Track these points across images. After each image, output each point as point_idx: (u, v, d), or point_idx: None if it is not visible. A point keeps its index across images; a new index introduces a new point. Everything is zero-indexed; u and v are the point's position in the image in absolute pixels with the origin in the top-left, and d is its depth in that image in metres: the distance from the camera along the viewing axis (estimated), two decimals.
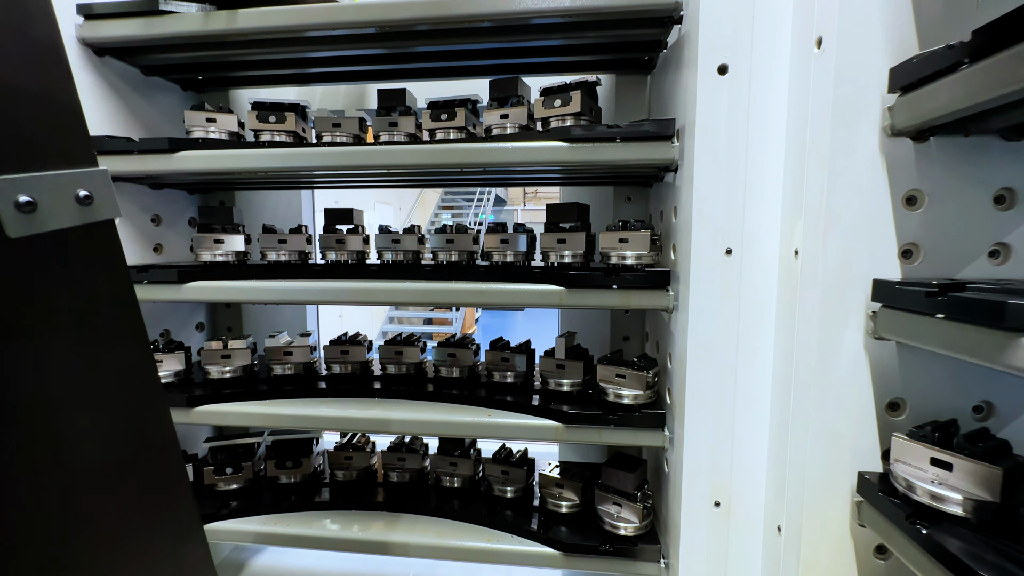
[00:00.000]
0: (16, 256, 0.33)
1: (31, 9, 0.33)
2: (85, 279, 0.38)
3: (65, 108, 0.36)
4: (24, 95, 0.33)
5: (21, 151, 0.33)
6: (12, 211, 0.33)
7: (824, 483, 0.82)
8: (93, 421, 0.39)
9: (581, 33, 1.15)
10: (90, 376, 0.39)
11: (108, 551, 0.41)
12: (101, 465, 0.40)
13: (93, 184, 0.37)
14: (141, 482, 0.43)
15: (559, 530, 1.19)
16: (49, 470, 0.37)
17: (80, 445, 0.39)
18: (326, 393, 1.31)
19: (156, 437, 0.44)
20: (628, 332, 1.51)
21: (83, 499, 0.39)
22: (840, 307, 0.79)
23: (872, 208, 0.77)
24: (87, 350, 0.39)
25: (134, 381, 0.42)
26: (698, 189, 0.95)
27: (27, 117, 0.33)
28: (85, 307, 0.38)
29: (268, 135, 1.27)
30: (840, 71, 0.76)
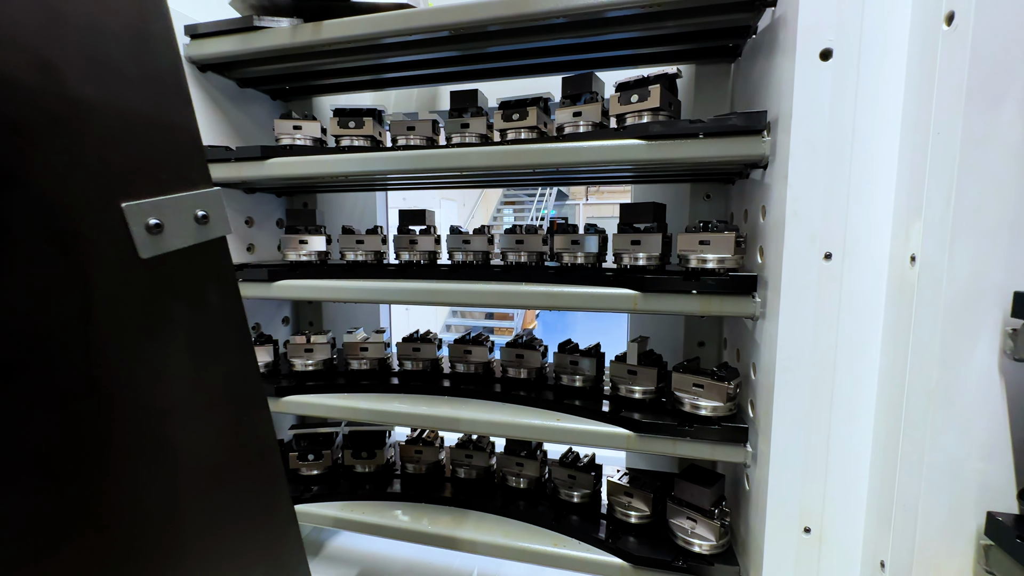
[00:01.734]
0: (146, 275, 0.36)
1: (157, 41, 0.36)
2: (200, 293, 0.41)
3: (185, 134, 0.39)
4: (151, 125, 0.36)
5: (149, 177, 0.36)
6: (143, 233, 0.36)
7: (942, 520, 0.73)
8: (202, 426, 0.43)
9: (660, 23, 1.09)
10: (202, 384, 0.42)
11: (212, 550, 0.45)
12: (208, 467, 0.44)
13: (208, 204, 0.40)
14: (243, 484, 0.47)
15: (628, 540, 1.15)
16: (163, 473, 0.41)
17: (190, 449, 0.42)
18: (398, 389, 1.36)
19: (258, 441, 0.47)
20: (704, 338, 1.43)
21: (191, 499, 0.43)
22: (969, 322, 0.69)
23: (1015, 208, 0.66)
24: (201, 360, 0.42)
25: (240, 388, 0.46)
26: (792, 187, 0.87)
27: (154, 145, 0.36)
28: (199, 319, 0.41)
29: (348, 140, 1.33)
30: (978, 50, 0.65)
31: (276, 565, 0.48)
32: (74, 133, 0.32)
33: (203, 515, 0.44)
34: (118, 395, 0.37)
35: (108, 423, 0.36)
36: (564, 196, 12.97)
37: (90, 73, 0.32)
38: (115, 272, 0.34)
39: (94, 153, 0.33)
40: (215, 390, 0.43)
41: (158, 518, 0.42)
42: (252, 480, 0.47)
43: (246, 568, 0.46)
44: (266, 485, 0.48)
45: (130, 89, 0.34)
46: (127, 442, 0.38)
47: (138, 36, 0.35)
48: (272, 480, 0.48)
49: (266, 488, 0.48)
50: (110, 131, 0.33)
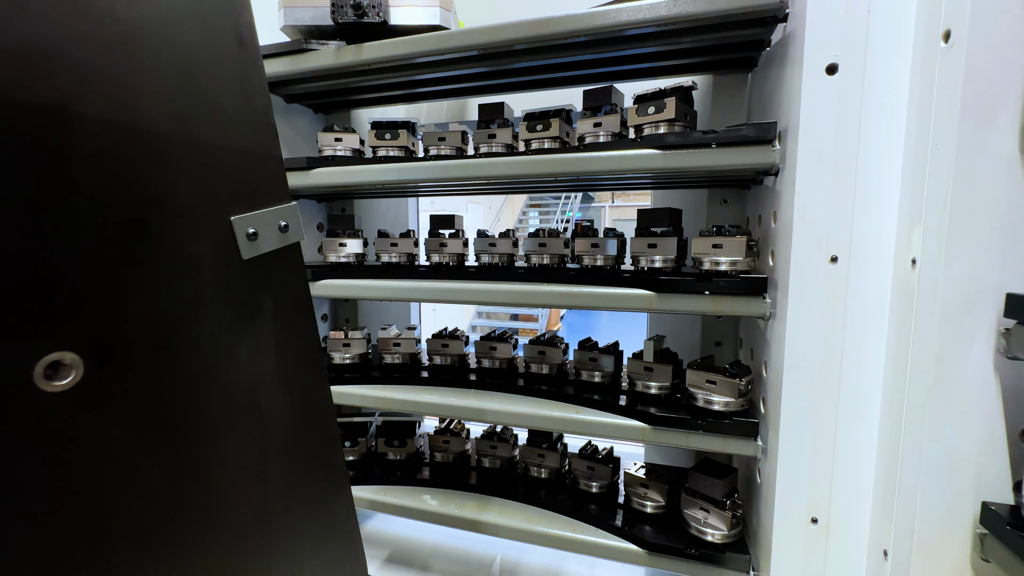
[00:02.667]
0: (246, 272, 0.46)
1: (255, 89, 0.46)
2: (282, 287, 0.51)
3: (273, 161, 0.49)
4: (250, 156, 0.46)
5: (248, 196, 0.46)
6: (245, 240, 0.46)
7: (941, 510, 0.77)
8: (283, 396, 0.52)
9: (677, 39, 1.15)
10: (282, 361, 0.52)
11: (287, 501, 0.54)
12: (287, 430, 0.53)
13: (289, 216, 0.50)
14: (312, 444, 0.56)
15: (643, 528, 1.22)
16: (256, 434, 0.51)
17: (274, 415, 0.52)
18: (428, 382, 1.46)
19: (322, 409, 0.57)
20: (720, 337, 1.47)
21: (275, 457, 0.53)
22: (965, 322, 0.73)
23: (1007, 214, 0.70)
24: (282, 342, 0.52)
25: (310, 366, 0.55)
26: (800, 194, 0.92)
27: (251, 171, 0.46)
28: (281, 308, 0.51)
29: (384, 150, 1.44)
30: (971, 66, 0.70)
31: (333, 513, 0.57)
32: (200, 167, 0.42)
33: (284, 470, 0.53)
34: (223, 367, 0.47)
35: (211, 389, 0.46)
36: (590, 199, 12.98)
37: (211, 120, 0.41)
38: (225, 269, 0.44)
39: (213, 180, 0.43)
40: (292, 366, 0.53)
41: (253, 472, 0.51)
42: (318, 443, 0.56)
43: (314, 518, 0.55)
44: (328, 448, 0.57)
45: (237, 130, 0.44)
46: (229, 404, 0.48)
47: (244, 89, 0.45)
48: (333, 443, 0.58)
49: (328, 450, 0.57)
50: (223, 163, 0.43)
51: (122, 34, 0.36)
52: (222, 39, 0.43)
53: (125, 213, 0.37)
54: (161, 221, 0.39)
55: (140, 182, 0.38)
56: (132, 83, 0.36)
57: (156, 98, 0.38)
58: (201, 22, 0.40)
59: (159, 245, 0.40)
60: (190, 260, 0.41)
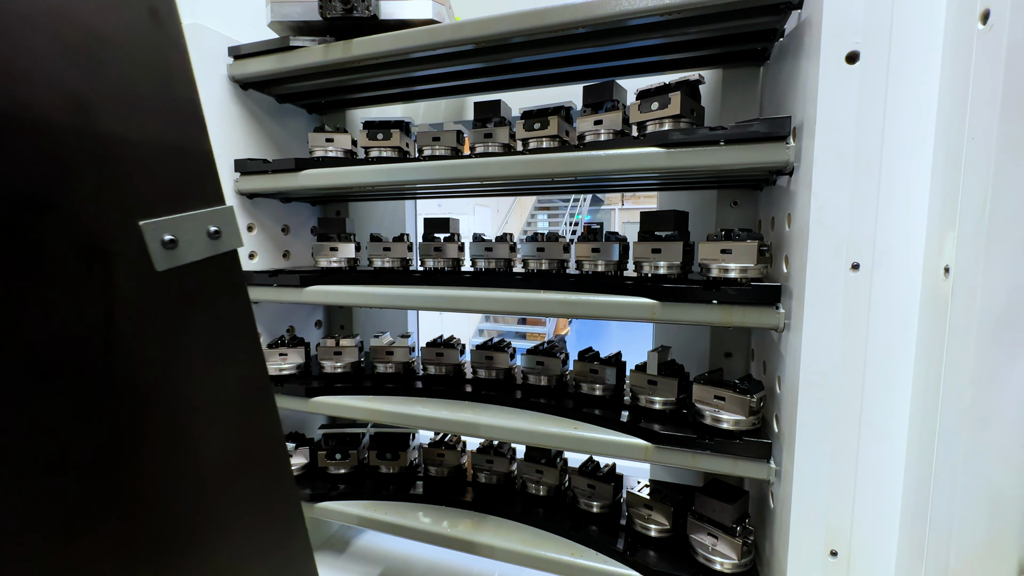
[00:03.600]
0: (162, 286, 0.40)
1: (175, 74, 0.40)
2: (213, 302, 0.45)
3: (200, 157, 0.43)
4: (168, 149, 0.40)
5: (166, 197, 0.40)
6: (159, 248, 0.40)
7: (979, 550, 0.68)
8: (220, 424, 0.46)
9: (683, 29, 1.08)
10: (217, 385, 0.46)
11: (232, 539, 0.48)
12: (226, 462, 0.47)
13: (220, 220, 0.44)
14: (257, 479, 0.50)
15: (647, 554, 1.13)
16: (187, 466, 0.44)
17: (210, 445, 0.46)
18: (421, 393, 1.39)
19: (269, 439, 0.51)
20: (731, 348, 1.39)
21: (213, 490, 0.47)
22: (1006, 339, 0.64)
23: None
24: (215, 363, 0.46)
25: (251, 389, 0.49)
26: (817, 195, 0.84)
27: (171, 169, 0.40)
28: (212, 326, 0.45)
29: (376, 151, 1.38)
30: (1015, 49, 0.62)
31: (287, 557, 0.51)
32: (102, 162, 0.36)
33: (223, 507, 0.47)
34: (141, 393, 0.41)
35: (132, 419, 0.40)
36: (599, 201, 12.86)
37: (118, 109, 0.36)
38: (135, 283, 0.38)
39: (119, 179, 0.37)
40: (230, 391, 0.47)
41: (185, 507, 0.45)
42: (264, 475, 0.50)
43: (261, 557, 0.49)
44: (277, 480, 0.51)
45: (152, 121, 0.38)
46: (153, 437, 0.42)
47: (161, 73, 0.39)
48: (282, 475, 0.51)
49: (277, 483, 0.51)
50: (133, 158, 0.37)
51: None
52: (132, 17, 0.37)
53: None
54: (46, 224, 0.33)
55: (18, 178, 0.32)
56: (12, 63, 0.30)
57: (42, 82, 0.32)
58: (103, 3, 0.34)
59: (43, 252, 0.34)
60: (85, 271, 0.35)
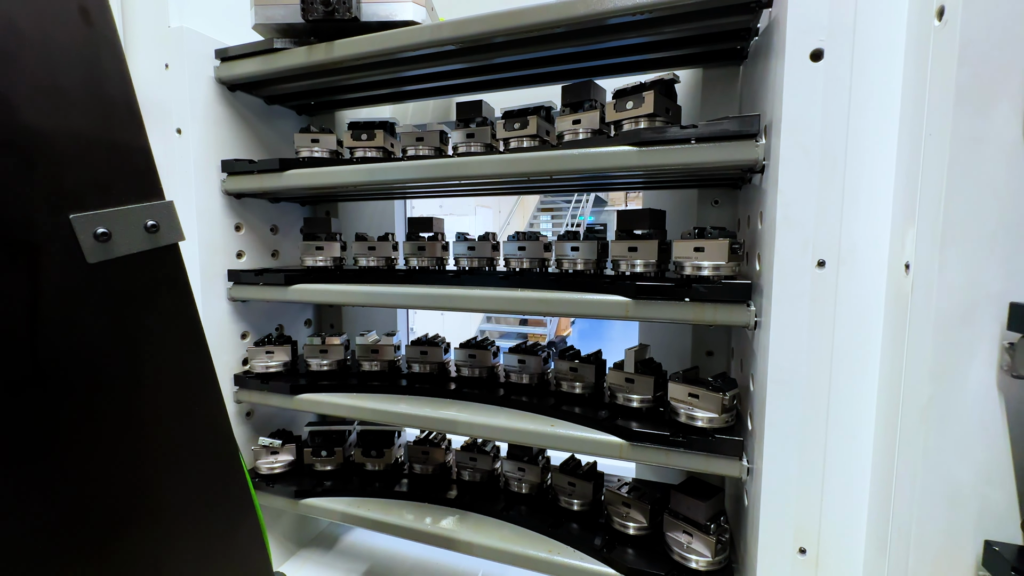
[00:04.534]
0: (95, 278, 0.42)
1: (108, 72, 0.42)
2: (151, 295, 0.46)
3: (137, 153, 0.44)
4: (100, 145, 0.41)
5: (98, 191, 0.41)
6: (91, 241, 0.41)
7: (938, 547, 0.68)
8: (158, 411, 0.47)
9: (659, 29, 1.08)
10: (156, 374, 0.47)
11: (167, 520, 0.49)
12: (167, 445, 0.48)
13: (159, 215, 0.45)
14: (199, 465, 0.51)
15: (624, 552, 1.14)
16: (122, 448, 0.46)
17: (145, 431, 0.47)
18: (404, 391, 1.40)
19: (213, 427, 0.52)
20: (712, 347, 1.39)
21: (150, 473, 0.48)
22: (963, 335, 0.65)
23: (1010, 213, 0.62)
24: (154, 354, 0.47)
25: (194, 379, 0.50)
26: (783, 192, 0.84)
27: (102, 163, 0.42)
28: (150, 316, 0.46)
29: (361, 151, 1.40)
30: (967, 45, 0.62)
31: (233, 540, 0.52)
32: (25, 155, 0.37)
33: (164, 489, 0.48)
34: (70, 380, 0.42)
35: (60, 406, 0.42)
36: (603, 202, 12.82)
37: (41, 103, 0.37)
38: (64, 275, 0.40)
39: (45, 171, 0.38)
40: (170, 380, 0.48)
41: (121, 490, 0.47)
42: (209, 461, 0.52)
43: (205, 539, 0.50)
44: (223, 466, 0.52)
45: (80, 115, 0.40)
46: (84, 423, 0.43)
47: (89, 68, 0.41)
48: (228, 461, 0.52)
49: (222, 469, 0.52)
50: (61, 152, 0.39)
51: None
52: (59, 15, 0.38)
53: None
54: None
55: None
56: None
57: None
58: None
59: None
60: (12, 265, 0.37)
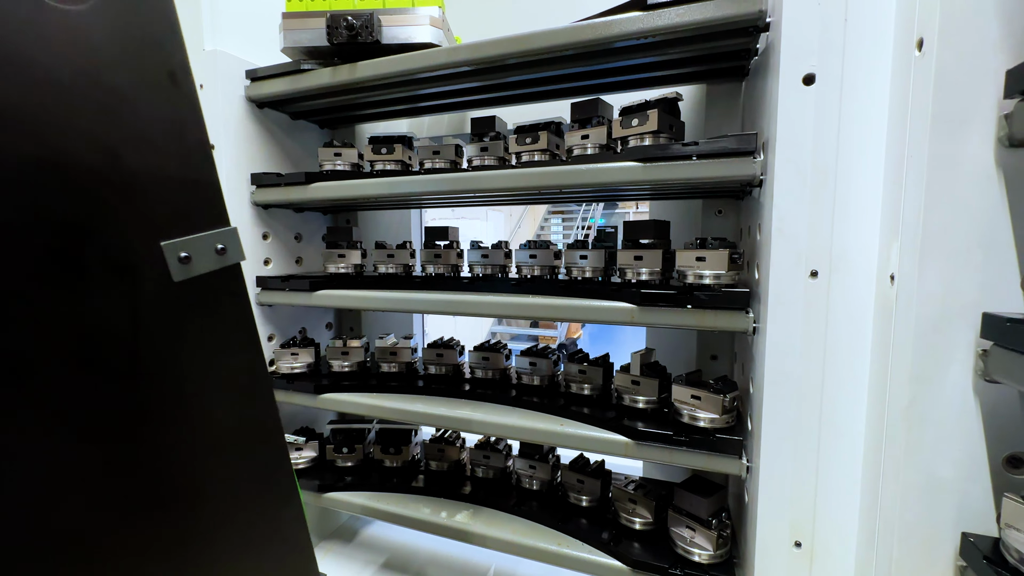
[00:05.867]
0: (178, 293, 0.49)
1: (188, 122, 0.50)
2: (218, 306, 0.54)
3: (209, 187, 0.52)
4: (182, 183, 0.49)
5: (181, 221, 0.49)
6: (176, 263, 0.49)
7: (921, 539, 0.73)
8: (220, 406, 0.55)
9: (663, 51, 1.15)
10: (219, 373, 0.55)
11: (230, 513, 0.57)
12: (222, 437, 0.56)
13: (226, 239, 0.53)
14: (256, 456, 0.59)
15: (630, 545, 1.19)
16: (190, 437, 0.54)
17: (210, 422, 0.55)
18: (421, 391, 1.48)
19: (264, 420, 0.59)
20: (716, 351, 1.44)
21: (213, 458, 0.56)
22: (941, 342, 0.70)
23: (984, 230, 0.67)
24: (219, 355, 0.55)
25: (251, 381, 0.58)
26: (778, 207, 0.90)
27: (183, 198, 0.50)
28: (218, 325, 0.54)
29: (381, 164, 1.48)
30: (942, 74, 0.67)
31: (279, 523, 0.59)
32: (126, 193, 0.45)
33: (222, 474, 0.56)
34: (158, 376, 0.50)
35: (151, 397, 0.49)
36: (613, 205, 12.83)
37: (137, 150, 0.45)
38: (156, 291, 0.48)
39: (141, 206, 0.46)
40: (232, 377, 0.56)
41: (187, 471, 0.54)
42: (260, 450, 0.59)
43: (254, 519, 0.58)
44: (271, 455, 0.60)
45: (167, 159, 0.48)
46: (165, 413, 0.51)
47: (174, 120, 0.48)
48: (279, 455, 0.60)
49: (271, 457, 0.60)
50: (154, 192, 0.47)
51: (41, 78, 0.40)
52: (153, 79, 0.46)
53: (46, 241, 0.40)
54: (86, 247, 0.43)
55: (62, 212, 0.42)
56: (52, 120, 0.40)
57: (78, 133, 0.42)
58: (130, 66, 0.44)
59: (84, 270, 0.43)
60: (118, 283, 0.45)
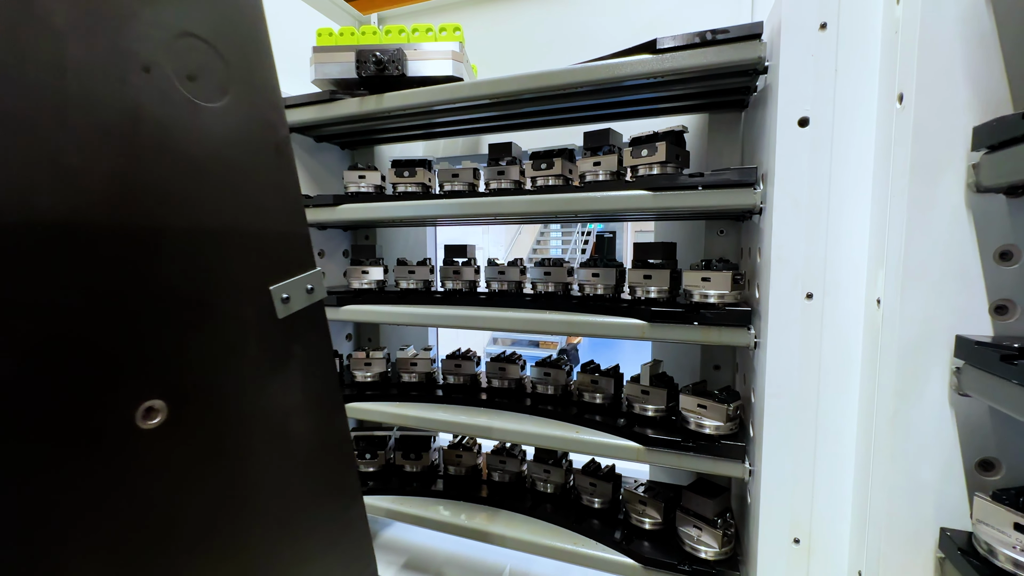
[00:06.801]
0: (281, 328, 0.59)
1: (288, 185, 0.59)
2: (308, 337, 0.63)
3: (303, 239, 0.61)
4: (283, 236, 0.58)
5: (282, 268, 0.58)
6: (280, 303, 0.58)
7: (905, 535, 0.83)
8: (307, 424, 0.64)
9: (669, 87, 1.25)
10: (307, 396, 0.64)
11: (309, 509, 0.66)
12: (309, 451, 0.65)
13: (314, 280, 0.62)
14: (330, 462, 0.67)
15: (641, 544, 1.28)
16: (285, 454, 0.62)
17: (299, 438, 0.64)
18: (441, 400, 1.57)
19: (339, 433, 0.68)
20: (719, 362, 1.53)
21: (299, 472, 0.64)
22: (921, 360, 0.79)
23: (957, 263, 0.77)
24: (307, 380, 0.64)
25: (329, 399, 0.67)
26: (777, 235, 1.00)
27: (284, 248, 0.59)
28: (307, 353, 0.63)
29: (403, 187, 1.57)
30: (919, 127, 0.77)
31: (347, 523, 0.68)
32: (247, 252, 0.54)
33: (306, 483, 0.65)
34: (261, 403, 0.59)
35: (252, 421, 0.58)
36: None
37: (255, 216, 0.54)
38: (265, 325, 0.57)
39: (256, 260, 0.55)
40: (314, 400, 0.65)
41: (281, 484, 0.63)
42: (335, 461, 0.68)
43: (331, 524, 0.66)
44: (343, 465, 0.69)
45: (272, 217, 0.57)
46: (265, 432, 0.60)
47: (278, 184, 0.58)
48: (348, 461, 0.69)
49: (344, 467, 0.68)
50: (264, 246, 0.56)
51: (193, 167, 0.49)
52: (264, 153, 0.55)
53: (194, 293, 0.49)
54: (219, 295, 0.52)
55: (204, 268, 0.51)
56: (200, 198, 0.49)
57: (215, 206, 0.51)
58: (249, 145, 0.53)
59: (217, 314, 0.52)
60: (240, 323, 0.54)
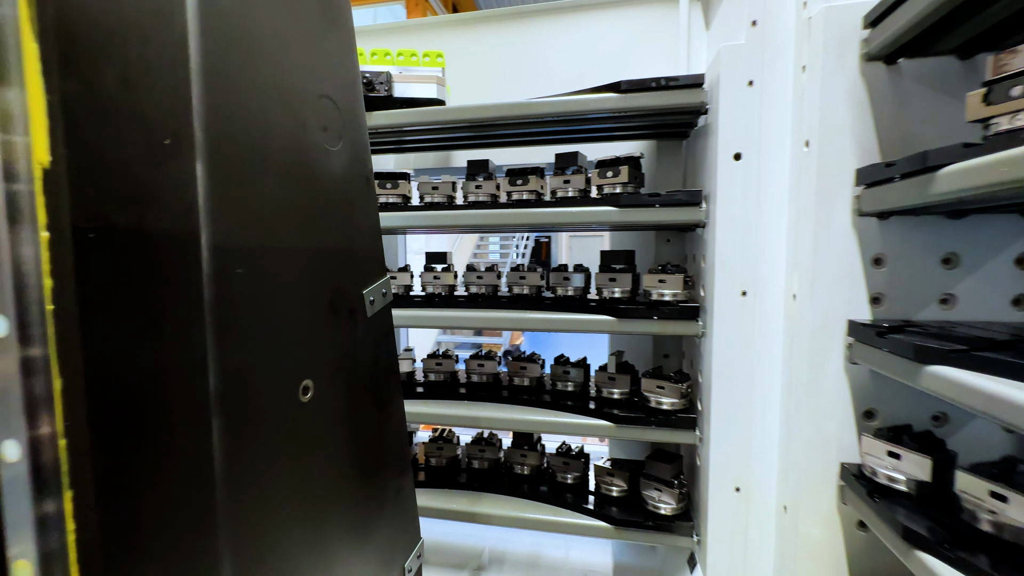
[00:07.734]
0: (369, 325, 0.70)
1: (371, 210, 0.71)
2: (384, 331, 0.75)
3: (379, 253, 0.73)
4: (369, 251, 0.70)
5: (369, 276, 0.70)
6: (368, 304, 0.70)
7: (817, 472, 1.09)
8: (378, 403, 0.76)
9: (625, 120, 1.48)
10: (380, 379, 0.76)
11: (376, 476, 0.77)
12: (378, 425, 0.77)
13: (387, 285, 0.74)
14: (391, 436, 0.79)
15: (611, 509, 1.50)
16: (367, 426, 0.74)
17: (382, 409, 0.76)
18: (424, 396, 1.69)
19: (399, 425, 0.81)
20: (668, 351, 1.80)
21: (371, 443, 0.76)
22: (824, 339, 1.06)
23: (846, 266, 1.04)
24: (381, 364, 0.75)
25: (393, 382, 0.79)
26: (720, 245, 1.25)
27: (369, 261, 0.71)
28: (383, 344, 0.75)
29: (384, 198, 1.68)
30: (821, 167, 1.04)
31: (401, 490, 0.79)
32: (350, 264, 0.66)
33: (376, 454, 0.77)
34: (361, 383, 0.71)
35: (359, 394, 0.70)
36: None
37: (357, 236, 0.66)
38: (362, 324, 0.68)
39: (356, 271, 0.67)
40: (384, 382, 0.77)
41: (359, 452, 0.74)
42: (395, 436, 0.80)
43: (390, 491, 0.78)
44: (400, 439, 0.80)
45: (365, 239, 0.68)
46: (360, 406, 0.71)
47: (368, 212, 0.70)
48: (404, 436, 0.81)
49: (401, 441, 0.80)
50: (360, 260, 0.68)
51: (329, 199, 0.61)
52: (359, 183, 0.67)
53: (329, 298, 0.61)
54: (339, 299, 0.63)
55: (331, 279, 0.62)
56: (331, 224, 0.60)
57: (339, 229, 0.63)
58: (353, 178, 0.65)
59: (338, 313, 0.63)
60: (350, 320, 0.65)
